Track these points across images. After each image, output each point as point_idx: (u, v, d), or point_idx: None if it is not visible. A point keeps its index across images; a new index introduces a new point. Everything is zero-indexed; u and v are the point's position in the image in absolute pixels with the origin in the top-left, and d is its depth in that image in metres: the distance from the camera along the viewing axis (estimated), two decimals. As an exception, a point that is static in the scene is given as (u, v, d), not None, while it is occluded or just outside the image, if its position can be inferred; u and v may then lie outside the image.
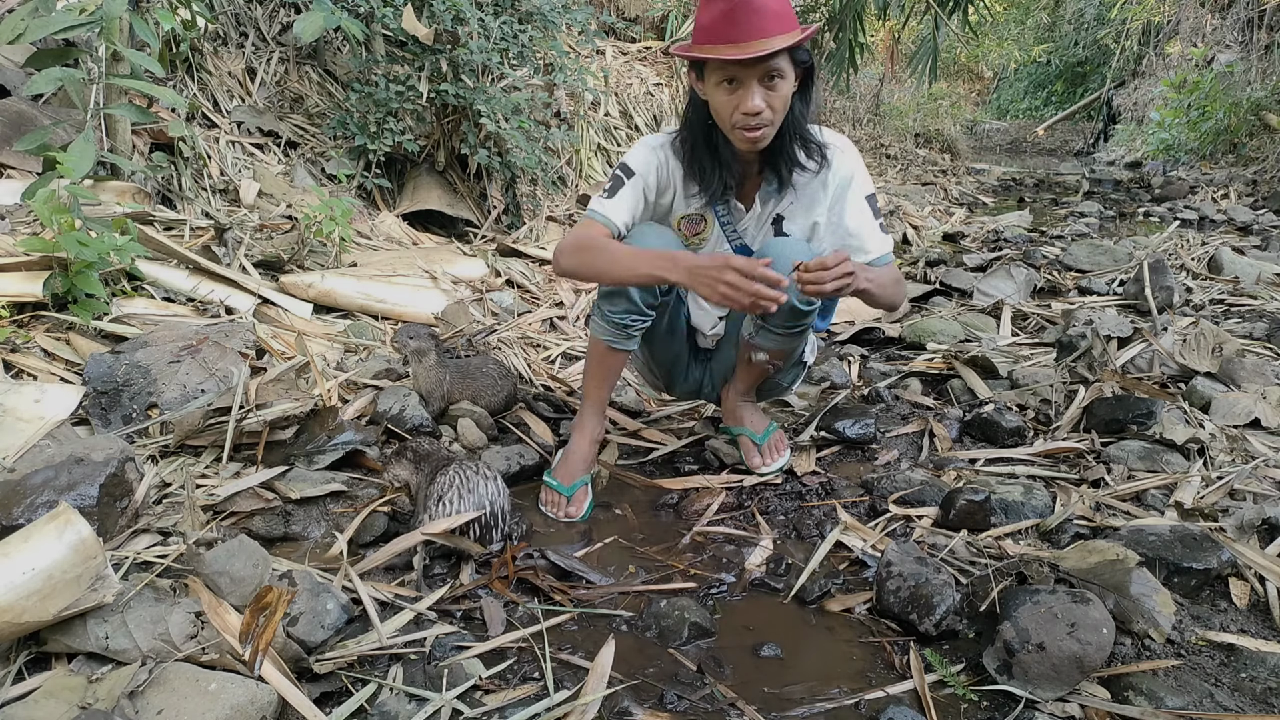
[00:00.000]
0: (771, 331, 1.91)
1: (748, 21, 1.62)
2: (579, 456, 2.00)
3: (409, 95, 3.80)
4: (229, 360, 2.13)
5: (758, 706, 1.32)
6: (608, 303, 1.91)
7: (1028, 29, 17.19)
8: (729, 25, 1.63)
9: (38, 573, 1.22)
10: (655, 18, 6.46)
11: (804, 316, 1.87)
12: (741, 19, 1.62)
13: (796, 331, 1.91)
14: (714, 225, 1.95)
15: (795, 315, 1.85)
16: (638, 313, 1.91)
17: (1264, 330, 3.05)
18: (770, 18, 1.62)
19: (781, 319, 1.86)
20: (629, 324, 1.91)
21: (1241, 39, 9.65)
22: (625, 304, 1.88)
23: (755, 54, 1.62)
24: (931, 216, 6.21)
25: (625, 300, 1.88)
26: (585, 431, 2.03)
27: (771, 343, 1.94)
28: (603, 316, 1.93)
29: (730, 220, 1.94)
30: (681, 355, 2.19)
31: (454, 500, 1.66)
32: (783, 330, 1.90)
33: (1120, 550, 1.52)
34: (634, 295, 1.87)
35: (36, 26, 2.37)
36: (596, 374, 2.02)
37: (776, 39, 1.62)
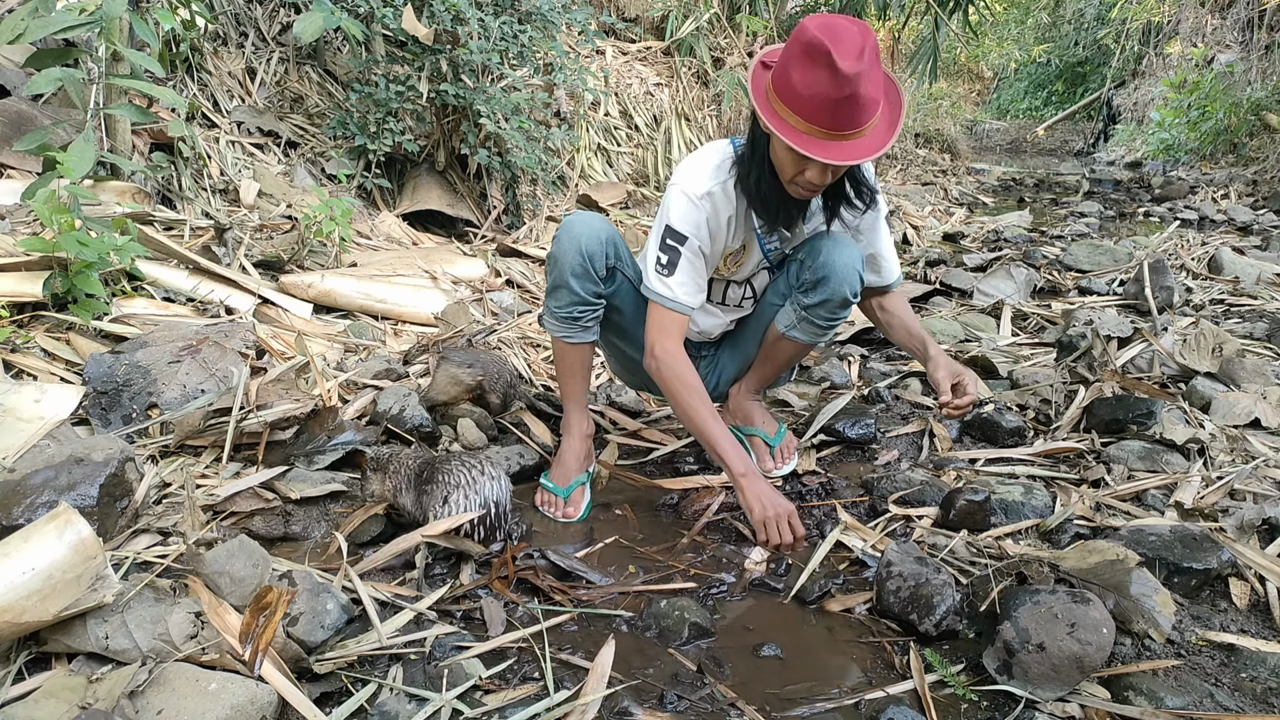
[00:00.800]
0: (813, 323, 1.93)
1: (850, 116, 1.51)
2: (570, 456, 2.00)
3: (409, 95, 3.80)
4: (229, 360, 2.13)
5: (758, 706, 1.32)
6: (552, 299, 1.92)
7: (1028, 29, 17.21)
8: (828, 114, 1.51)
9: (38, 573, 1.22)
10: (655, 18, 6.45)
11: (844, 310, 1.92)
12: (846, 112, 1.51)
13: (833, 324, 1.96)
14: (753, 252, 1.95)
15: (841, 306, 1.90)
16: (583, 303, 1.89)
17: (1264, 330, 3.05)
18: (868, 108, 1.52)
19: (826, 311, 1.91)
20: (577, 315, 1.91)
21: (1241, 39, 9.65)
22: (568, 296, 1.88)
23: (845, 162, 1.56)
24: (931, 216, 6.21)
25: (567, 292, 1.87)
26: (572, 431, 2.03)
27: (809, 335, 1.98)
28: (551, 314, 1.94)
29: (776, 244, 1.95)
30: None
31: (460, 502, 1.66)
32: (823, 323, 1.94)
33: (1120, 550, 1.52)
34: (574, 286, 1.86)
35: (36, 26, 2.38)
36: (564, 371, 2.02)
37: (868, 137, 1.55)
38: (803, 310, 1.93)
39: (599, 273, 1.88)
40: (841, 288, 1.85)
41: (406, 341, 2.85)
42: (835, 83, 1.47)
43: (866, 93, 1.50)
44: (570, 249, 1.84)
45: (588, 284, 1.87)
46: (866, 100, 1.51)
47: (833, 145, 1.55)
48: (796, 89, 1.52)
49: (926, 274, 4.21)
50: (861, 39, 1.48)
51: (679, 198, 1.78)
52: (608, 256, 1.89)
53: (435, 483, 1.69)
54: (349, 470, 1.95)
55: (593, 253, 1.85)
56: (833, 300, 1.88)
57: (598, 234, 1.86)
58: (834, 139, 1.55)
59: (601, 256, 1.87)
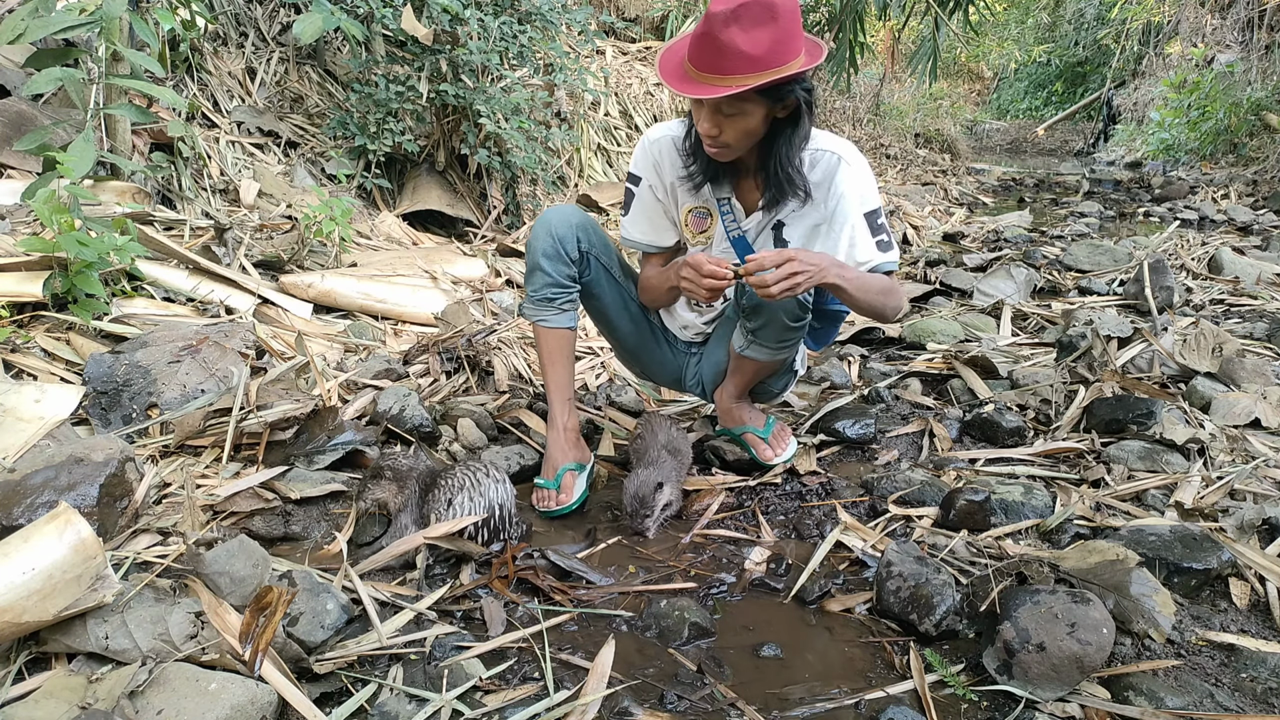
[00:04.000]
0: (762, 345, 1.93)
1: (710, 56, 1.60)
2: (555, 449, 2.02)
3: (409, 95, 3.80)
4: (229, 360, 2.13)
5: (758, 706, 1.31)
6: (528, 284, 2.00)
7: (1028, 29, 17.21)
8: (697, 50, 1.62)
9: (38, 573, 1.22)
10: (655, 18, 6.45)
11: (793, 332, 1.89)
12: (707, 51, 1.60)
13: (786, 345, 1.94)
14: (719, 222, 1.96)
15: (785, 331, 1.87)
16: (556, 285, 1.97)
17: (1264, 330, 3.05)
18: (734, 58, 1.58)
19: (773, 334, 1.88)
20: (551, 297, 1.98)
21: (1241, 39, 9.65)
22: (542, 278, 1.96)
23: (685, 93, 1.64)
24: (931, 216, 6.22)
25: (540, 274, 1.96)
26: (555, 424, 2.05)
27: (762, 355, 1.96)
28: (528, 300, 2.01)
29: (735, 220, 1.95)
30: (646, 343, 2.21)
31: (464, 504, 1.66)
32: (773, 345, 1.92)
33: (1120, 550, 1.52)
34: (546, 267, 1.95)
35: (36, 26, 2.38)
36: (543, 359, 2.06)
37: (729, 80, 1.59)
38: (749, 334, 1.93)
39: (570, 255, 1.96)
40: (777, 314, 1.83)
41: (406, 341, 2.85)
42: (703, 20, 1.59)
43: (729, 40, 1.56)
44: (541, 233, 1.96)
45: (559, 265, 1.96)
46: (728, 47, 1.56)
47: (688, 81, 1.65)
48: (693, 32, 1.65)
49: (926, 274, 4.21)
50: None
51: (638, 145, 1.95)
52: (579, 241, 1.97)
53: (438, 487, 1.69)
54: (349, 470, 1.95)
55: (562, 235, 1.95)
56: (771, 326, 1.86)
57: (568, 219, 1.97)
58: (697, 80, 1.63)
59: (572, 240, 1.96)
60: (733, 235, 1.95)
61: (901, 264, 4.69)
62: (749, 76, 1.59)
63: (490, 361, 2.60)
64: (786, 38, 1.59)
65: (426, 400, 2.28)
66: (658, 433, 2.00)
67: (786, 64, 1.60)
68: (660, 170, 1.94)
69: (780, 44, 1.59)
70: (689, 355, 2.22)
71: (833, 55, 7.86)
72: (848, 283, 1.74)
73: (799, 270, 1.63)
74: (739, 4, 1.54)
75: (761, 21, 1.56)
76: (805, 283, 1.65)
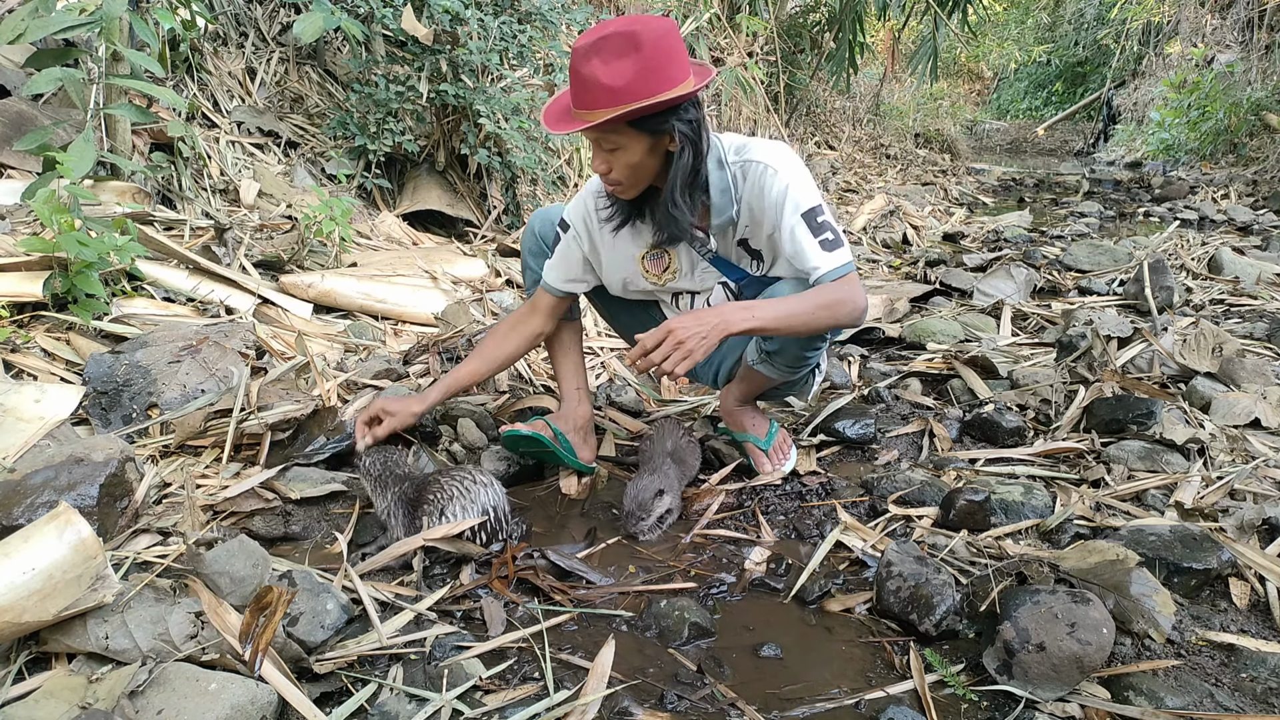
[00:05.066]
0: (774, 365, 1.92)
1: (577, 91, 1.59)
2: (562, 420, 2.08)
3: (409, 95, 3.80)
4: (229, 360, 2.13)
5: (758, 706, 1.31)
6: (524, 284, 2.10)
7: (1028, 29, 17.21)
8: (572, 90, 1.62)
9: (38, 573, 1.22)
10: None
11: (808, 356, 1.89)
12: (575, 86, 1.60)
13: (801, 366, 1.93)
14: (679, 255, 1.91)
15: (799, 356, 1.87)
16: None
17: (1264, 330, 3.05)
18: (595, 91, 1.55)
19: (787, 359, 1.88)
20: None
21: (1241, 39, 9.65)
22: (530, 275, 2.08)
23: (552, 130, 1.64)
24: (931, 216, 6.22)
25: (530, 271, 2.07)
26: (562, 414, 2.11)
27: (774, 373, 1.95)
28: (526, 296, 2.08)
29: (703, 244, 1.89)
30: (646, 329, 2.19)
31: (457, 513, 1.66)
32: (786, 367, 1.92)
33: (1120, 550, 1.52)
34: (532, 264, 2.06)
35: (36, 26, 2.38)
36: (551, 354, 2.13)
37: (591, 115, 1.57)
38: (764, 352, 1.91)
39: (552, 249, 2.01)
40: (791, 340, 1.82)
41: (406, 341, 2.85)
42: (571, 58, 1.59)
43: (590, 73, 1.54)
44: (527, 234, 2.07)
45: (544, 260, 2.02)
46: (589, 80, 1.55)
47: (560, 119, 1.65)
48: None
49: (926, 274, 4.21)
50: (616, 29, 1.53)
51: (580, 192, 1.95)
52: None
53: (427, 500, 1.68)
54: (349, 470, 1.95)
55: (544, 233, 2.03)
56: (787, 350, 1.86)
57: (549, 218, 2.03)
58: (571, 118, 1.63)
59: (553, 236, 2.00)
60: (708, 257, 1.90)
61: (901, 264, 4.69)
62: (608, 110, 1.56)
63: (490, 361, 2.59)
64: (654, 67, 1.54)
65: (426, 400, 2.28)
66: (666, 439, 2.00)
67: (655, 94, 1.55)
68: (589, 222, 1.92)
69: (646, 74, 1.54)
70: None
71: (832, 55, 7.86)
72: (766, 320, 1.66)
73: (682, 339, 1.59)
74: (599, 37, 1.53)
75: (623, 53, 1.53)
76: (698, 348, 1.59)
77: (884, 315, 3.50)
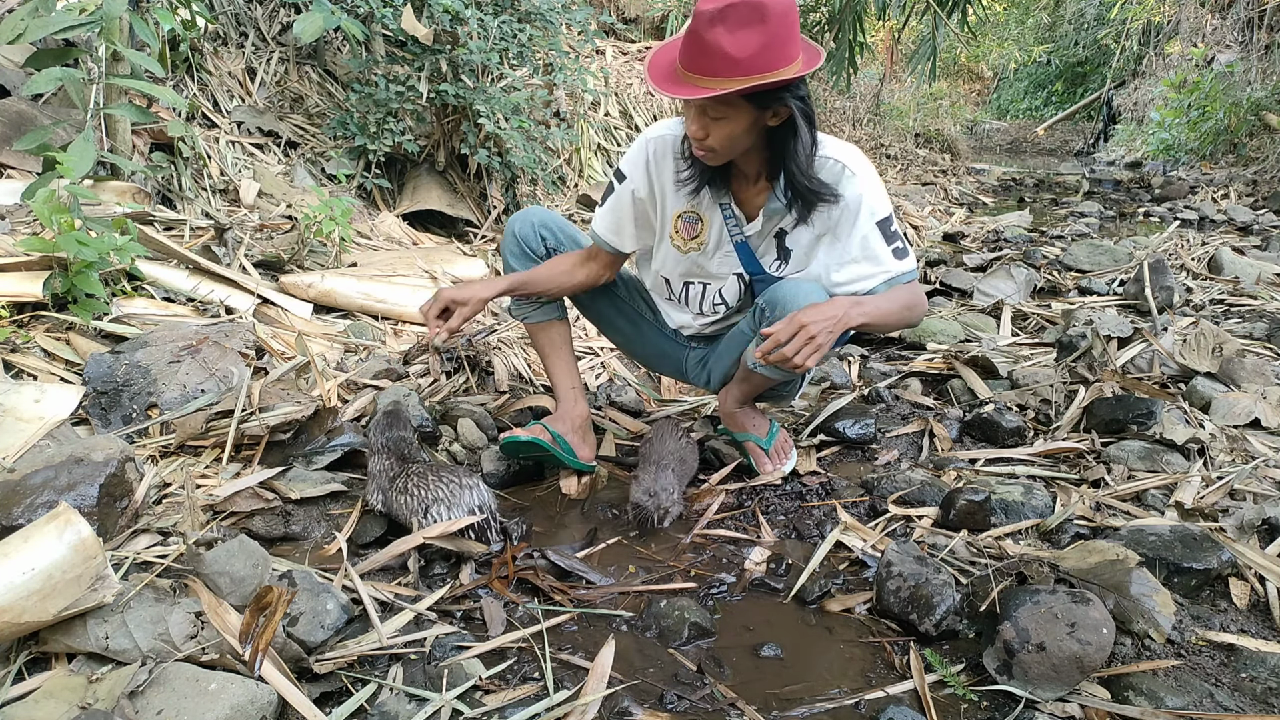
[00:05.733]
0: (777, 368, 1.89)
1: (696, 56, 1.56)
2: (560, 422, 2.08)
3: (409, 95, 3.80)
4: (229, 360, 2.13)
5: (758, 706, 1.32)
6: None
7: (1028, 29, 17.19)
8: (685, 49, 1.59)
9: (38, 573, 1.22)
10: (655, 18, 6.45)
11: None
12: (693, 51, 1.56)
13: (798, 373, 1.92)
14: (711, 227, 1.91)
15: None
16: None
17: (1264, 330, 3.05)
18: (718, 59, 1.53)
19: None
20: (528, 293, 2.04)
21: (1241, 39, 9.65)
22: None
23: (665, 92, 1.61)
24: (931, 216, 6.21)
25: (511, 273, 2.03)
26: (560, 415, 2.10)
27: (774, 374, 1.94)
28: (511, 301, 2.10)
29: (737, 225, 1.90)
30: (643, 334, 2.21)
31: (441, 513, 1.65)
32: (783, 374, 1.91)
33: (1120, 550, 1.52)
34: (514, 266, 2.03)
35: (36, 26, 2.37)
36: (541, 352, 2.13)
37: (711, 82, 1.55)
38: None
39: (535, 250, 2.03)
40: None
41: (406, 341, 2.85)
42: (692, 18, 1.56)
43: (714, 40, 1.52)
44: (506, 235, 2.05)
45: (526, 262, 2.03)
46: (712, 48, 1.52)
47: (672, 81, 1.62)
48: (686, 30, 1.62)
49: (926, 274, 4.21)
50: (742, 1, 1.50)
51: (636, 141, 1.91)
52: (543, 239, 2.03)
53: (409, 494, 1.68)
54: (349, 470, 1.95)
55: (524, 235, 2.02)
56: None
57: (529, 219, 2.04)
58: (682, 80, 1.60)
59: (534, 237, 2.02)
60: (735, 240, 1.91)
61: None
62: (731, 80, 1.54)
63: (490, 361, 2.60)
64: (777, 42, 1.54)
65: (426, 400, 2.28)
66: (666, 440, 2.00)
67: (776, 70, 1.55)
68: (652, 171, 1.88)
69: (769, 48, 1.53)
70: (688, 349, 2.20)
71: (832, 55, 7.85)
72: (870, 316, 1.75)
73: (814, 334, 1.65)
74: (726, 4, 1.50)
75: (749, 23, 1.51)
76: (827, 341, 1.66)
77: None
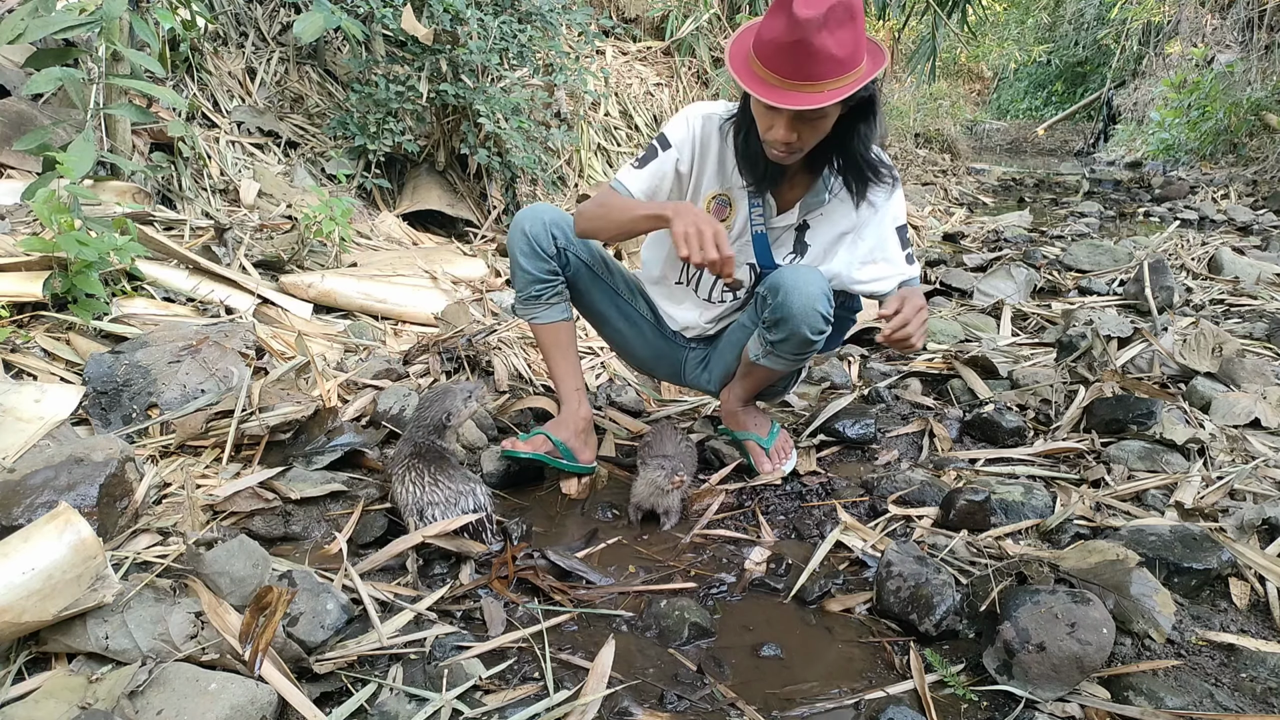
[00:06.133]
0: (780, 356, 1.92)
1: (803, 64, 1.54)
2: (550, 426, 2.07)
3: (409, 95, 3.80)
4: (229, 360, 2.13)
5: (758, 706, 1.31)
6: (514, 285, 2.03)
7: (1028, 29, 17.20)
8: (782, 59, 1.55)
9: (38, 573, 1.22)
10: (655, 18, 6.45)
11: (813, 345, 1.89)
12: (803, 59, 1.54)
13: (804, 357, 1.94)
14: (737, 215, 1.94)
15: (805, 344, 1.87)
16: (538, 281, 1.99)
17: (1264, 330, 3.05)
18: (826, 63, 1.53)
19: (793, 347, 1.87)
20: (536, 294, 2.00)
21: (1241, 39, 9.65)
22: (523, 276, 1.99)
23: (787, 106, 1.57)
24: (931, 216, 6.21)
25: (521, 273, 1.98)
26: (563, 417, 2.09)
27: (779, 365, 1.95)
28: (517, 300, 2.05)
29: (763, 215, 1.92)
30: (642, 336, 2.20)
31: (435, 516, 1.65)
32: (791, 356, 1.91)
33: (1120, 550, 1.52)
34: (525, 265, 1.97)
35: (36, 26, 2.37)
36: (545, 353, 2.11)
37: (822, 86, 1.55)
38: (769, 345, 1.91)
39: (546, 250, 1.97)
40: (800, 329, 1.81)
41: (406, 341, 2.85)
42: (789, 27, 1.52)
43: (822, 45, 1.51)
44: (515, 233, 1.97)
45: (537, 262, 1.97)
46: (821, 53, 1.52)
47: (782, 92, 1.58)
48: (761, 36, 1.59)
49: (926, 274, 4.21)
50: None
51: (686, 111, 1.89)
52: (554, 237, 1.98)
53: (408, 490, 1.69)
54: (349, 470, 1.95)
55: (535, 233, 1.95)
56: (794, 340, 1.85)
57: (540, 217, 1.97)
58: (790, 89, 1.57)
59: (546, 236, 1.96)
60: (756, 230, 1.92)
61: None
62: (841, 80, 1.56)
63: (490, 361, 2.60)
64: (863, 35, 1.58)
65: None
66: (665, 442, 2.01)
67: (860, 61, 1.58)
68: (697, 149, 1.88)
69: (859, 43, 1.57)
70: (688, 350, 2.20)
71: (833, 55, 7.80)
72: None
73: (926, 317, 1.76)
74: (827, 8, 1.50)
75: (844, 22, 1.53)
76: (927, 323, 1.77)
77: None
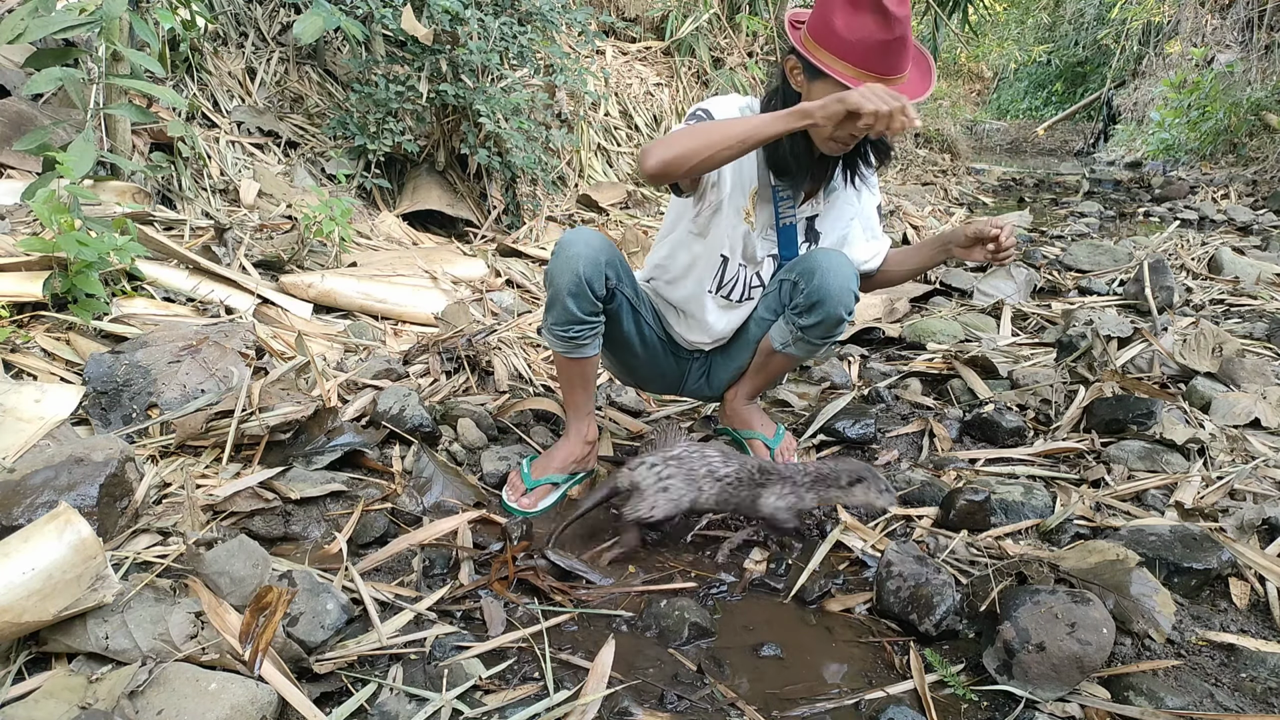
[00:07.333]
0: (808, 342, 1.93)
1: (900, 58, 1.62)
2: (560, 453, 2.01)
3: (409, 95, 3.80)
4: (229, 360, 2.13)
5: (758, 706, 1.32)
6: (549, 315, 1.87)
7: (1028, 29, 17.19)
8: (878, 55, 1.59)
9: (38, 573, 1.22)
10: (655, 18, 6.45)
11: (839, 328, 1.91)
12: (898, 53, 1.60)
13: (828, 341, 1.95)
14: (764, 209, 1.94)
15: (835, 326, 1.89)
16: (579, 323, 1.84)
17: (1264, 330, 3.05)
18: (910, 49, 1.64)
19: (822, 331, 1.90)
20: (574, 335, 1.86)
21: (1241, 39, 9.65)
22: (565, 314, 1.82)
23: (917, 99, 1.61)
24: (931, 216, 6.21)
25: (564, 311, 1.82)
26: (570, 435, 2.04)
27: (802, 351, 1.98)
28: (549, 330, 1.89)
29: (792, 207, 1.95)
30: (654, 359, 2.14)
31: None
32: (818, 340, 1.93)
33: (1120, 550, 1.52)
34: (570, 305, 1.81)
35: (36, 26, 2.38)
36: (565, 384, 2.02)
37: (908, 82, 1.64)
38: (798, 330, 1.92)
39: (597, 293, 1.83)
40: (837, 309, 1.85)
41: (406, 341, 2.85)
42: (887, 25, 1.56)
43: (908, 36, 1.59)
44: (567, 271, 1.79)
45: (584, 304, 1.83)
46: (910, 44, 1.61)
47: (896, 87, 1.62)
48: (843, 36, 1.58)
49: (927, 274, 4.21)
50: None
51: (723, 97, 1.86)
52: (607, 279, 1.85)
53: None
54: (349, 470, 1.95)
55: (590, 277, 1.80)
56: (828, 321, 1.88)
57: (596, 258, 1.80)
58: (891, 83, 1.62)
59: (600, 279, 1.83)
60: (784, 223, 1.95)
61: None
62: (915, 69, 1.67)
63: (490, 361, 2.60)
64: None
65: (426, 400, 2.28)
66: (673, 443, 2.00)
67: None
68: None
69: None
70: (692, 361, 2.20)
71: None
72: None
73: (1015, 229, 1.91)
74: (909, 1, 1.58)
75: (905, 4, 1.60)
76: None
77: (884, 315, 3.49)
